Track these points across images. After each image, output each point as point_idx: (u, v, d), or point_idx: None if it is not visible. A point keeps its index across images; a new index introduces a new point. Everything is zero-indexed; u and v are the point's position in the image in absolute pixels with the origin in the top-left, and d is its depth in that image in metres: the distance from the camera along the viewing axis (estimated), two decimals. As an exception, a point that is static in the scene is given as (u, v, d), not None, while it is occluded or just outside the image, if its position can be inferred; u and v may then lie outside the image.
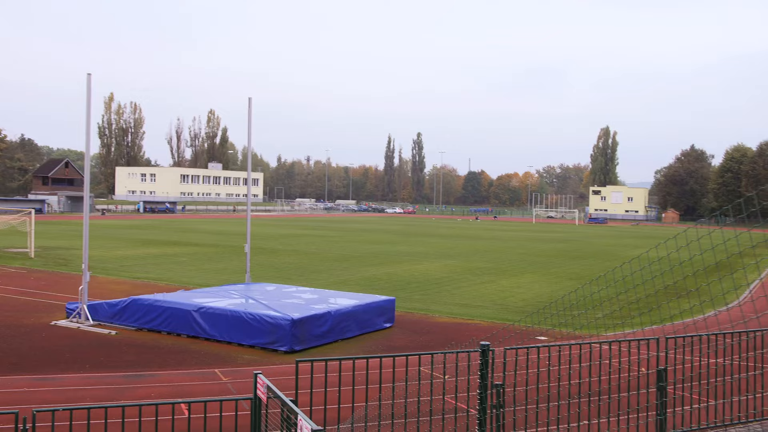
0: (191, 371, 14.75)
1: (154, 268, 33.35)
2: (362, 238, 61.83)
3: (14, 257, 36.85)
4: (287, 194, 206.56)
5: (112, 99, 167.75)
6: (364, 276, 32.41)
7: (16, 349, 16.29)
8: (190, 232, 63.48)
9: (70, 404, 11.30)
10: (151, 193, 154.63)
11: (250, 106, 24.10)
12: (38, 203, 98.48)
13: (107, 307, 19.38)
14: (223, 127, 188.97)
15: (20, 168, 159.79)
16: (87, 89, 19.52)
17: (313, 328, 17.14)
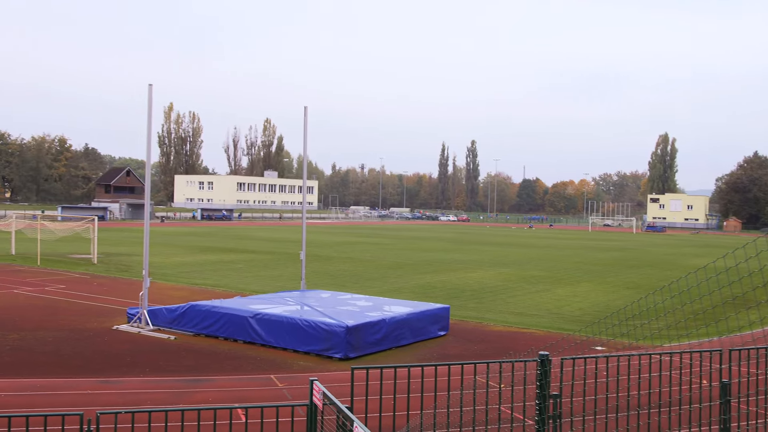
0: (248, 377, 14.93)
1: (212, 275, 33.94)
2: (416, 245, 61.79)
3: (78, 263, 37.95)
4: (341, 202, 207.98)
5: (171, 109, 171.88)
6: (419, 284, 32.36)
7: (80, 352, 16.75)
8: (246, 239, 64.40)
9: (132, 407, 11.57)
10: (209, 201, 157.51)
11: (306, 114, 24.36)
12: (101, 210, 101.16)
13: (166, 313, 19.78)
14: (279, 136, 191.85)
15: (84, 176, 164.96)
16: (148, 100, 20.02)
17: (368, 335, 17.18)
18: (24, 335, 18.46)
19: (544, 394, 7.61)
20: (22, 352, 16.59)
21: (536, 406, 7.68)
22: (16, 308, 22.75)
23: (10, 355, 16.17)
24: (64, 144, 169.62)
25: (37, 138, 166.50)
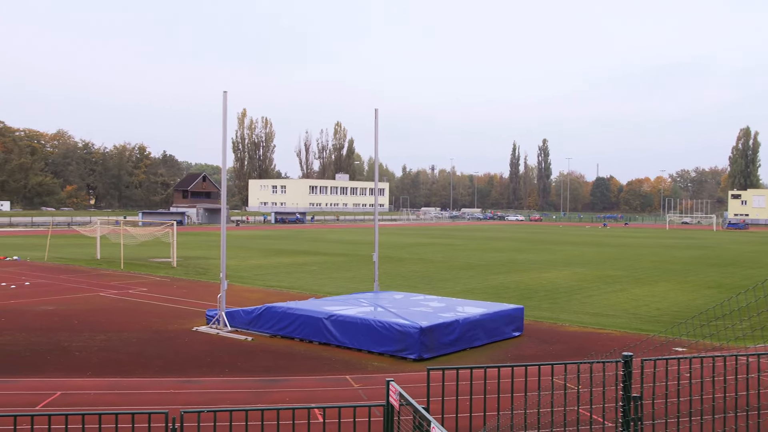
0: (323, 377, 15.12)
1: (286, 277, 34.49)
2: (488, 246, 61.33)
3: (159, 267, 39.17)
4: (412, 203, 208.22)
5: (244, 114, 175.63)
6: (491, 284, 32.12)
7: (162, 352, 17.30)
8: (319, 242, 65.20)
9: (213, 406, 11.88)
10: (282, 204, 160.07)
11: (377, 117, 24.51)
12: (179, 215, 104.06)
13: (243, 315, 20.22)
14: (350, 139, 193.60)
15: (163, 182, 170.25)
16: (223, 106, 20.52)
17: (442, 336, 17.16)
18: (110, 336, 19.18)
19: (629, 396, 7.45)
20: (108, 352, 17.25)
21: (620, 409, 7.52)
22: (102, 310, 23.66)
23: (97, 356, 16.83)
24: (144, 152, 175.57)
25: (118, 146, 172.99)
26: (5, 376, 14.82)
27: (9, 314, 22.62)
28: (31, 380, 14.48)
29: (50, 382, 14.33)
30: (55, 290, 28.77)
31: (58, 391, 13.60)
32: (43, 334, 19.34)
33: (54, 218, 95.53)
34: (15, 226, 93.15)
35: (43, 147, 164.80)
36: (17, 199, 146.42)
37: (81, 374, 15.04)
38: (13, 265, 39.80)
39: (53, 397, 13.17)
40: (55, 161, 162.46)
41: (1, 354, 16.88)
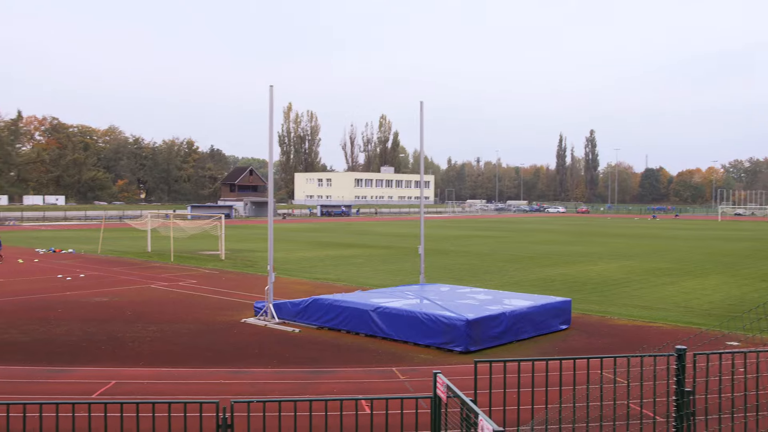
0: (370, 369, 15.21)
1: (333, 269, 34.73)
2: (534, 238, 60.79)
3: (208, 259, 39.80)
4: (458, 196, 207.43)
5: (290, 108, 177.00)
6: (538, 277, 31.85)
7: (212, 344, 17.60)
8: (364, 235, 65.44)
9: (262, 396, 12.06)
10: (328, 197, 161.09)
11: (422, 110, 24.47)
12: (227, 209, 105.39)
13: (291, 306, 20.44)
14: (395, 132, 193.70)
15: (210, 176, 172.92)
16: (270, 101, 20.72)
17: (488, 329, 17.10)
18: (161, 327, 19.60)
19: (683, 390, 7.33)
20: (160, 343, 17.62)
21: (673, 403, 7.40)
22: (153, 302, 24.17)
23: (150, 346, 17.21)
24: (192, 146, 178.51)
25: (167, 141, 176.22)
26: (63, 365, 15.27)
27: (66, 305, 23.27)
28: (87, 369, 14.89)
29: (105, 371, 14.71)
30: (108, 282, 29.47)
31: (113, 380, 13.95)
32: (97, 325, 19.86)
33: (106, 212, 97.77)
34: (69, 220, 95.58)
35: (95, 143, 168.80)
36: (71, 193, 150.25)
37: (134, 364, 15.40)
38: (68, 257, 40.87)
39: (108, 386, 13.52)
40: (107, 156, 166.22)
41: (59, 344, 17.39)
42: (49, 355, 16.16)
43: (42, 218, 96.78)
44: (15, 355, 16.13)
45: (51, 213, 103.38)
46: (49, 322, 20.29)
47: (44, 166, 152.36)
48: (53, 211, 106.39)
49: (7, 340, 17.74)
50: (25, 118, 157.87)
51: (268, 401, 7.66)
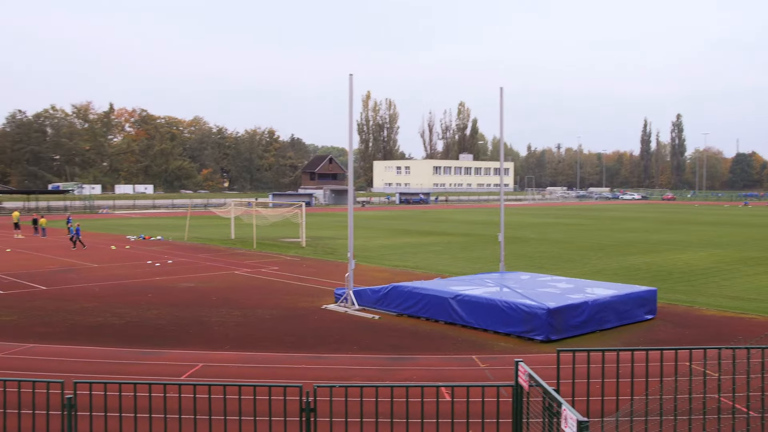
0: (449, 356, 15.21)
1: (411, 257, 34.83)
2: (618, 226, 59.30)
3: (289, 246, 40.55)
4: (537, 183, 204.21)
5: (369, 97, 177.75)
6: (622, 265, 31.09)
7: (293, 329, 17.96)
8: (443, 222, 65.29)
9: (343, 382, 12.23)
10: (406, 185, 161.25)
11: (502, 96, 24.18)
12: (307, 197, 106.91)
13: (370, 293, 20.62)
14: (473, 119, 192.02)
15: (291, 165, 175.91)
16: (349, 89, 20.87)
17: (570, 317, 16.83)
18: (245, 312, 20.12)
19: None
20: (244, 327, 18.10)
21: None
22: (237, 288, 24.82)
23: (235, 331, 17.70)
24: (273, 135, 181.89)
25: (249, 131, 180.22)
26: (153, 347, 15.88)
27: (155, 290, 24.17)
28: (176, 352, 15.44)
29: (193, 354, 15.22)
30: (194, 268, 30.42)
31: (200, 363, 14.43)
32: (185, 309, 20.55)
33: (192, 200, 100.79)
34: (158, 208, 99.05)
35: (181, 133, 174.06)
36: (159, 182, 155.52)
37: (220, 347, 15.88)
38: (157, 244, 42.38)
39: (196, 368, 13.99)
40: (192, 146, 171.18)
41: (150, 327, 18.09)
42: (140, 338, 16.83)
43: (132, 206, 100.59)
44: (110, 338, 16.88)
45: (140, 201, 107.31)
46: (140, 306, 21.12)
47: (134, 157, 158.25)
48: (142, 200, 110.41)
49: (102, 323, 18.57)
50: (117, 110, 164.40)
51: (350, 386, 7.78)
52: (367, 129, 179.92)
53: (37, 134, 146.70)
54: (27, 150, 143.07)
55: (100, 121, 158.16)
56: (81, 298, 22.68)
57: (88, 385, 7.92)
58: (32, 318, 19.34)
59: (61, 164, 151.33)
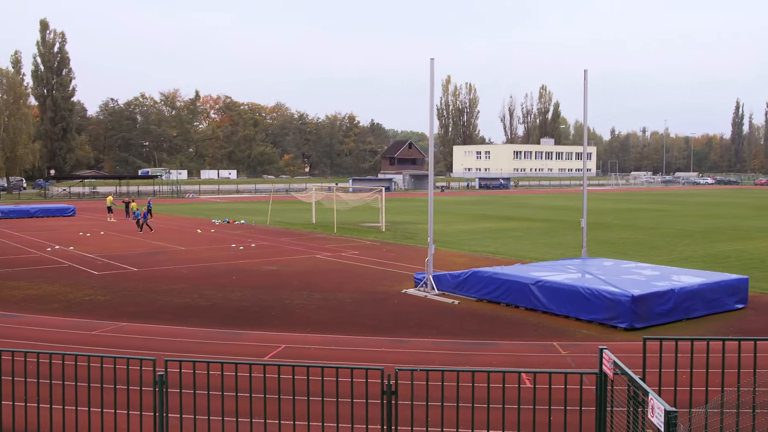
0: (530, 342, 15.07)
1: (491, 242, 34.56)
2: (706, 212, 57.18)
3: (369, 231, 40.87)
4: (621, 167, 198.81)
5: (449, 81, 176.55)
6: (710, 253, 30.01)
7: (374, 313, 18.14)
8: (523, 207, 64.47)
9: (423, 366, 12.29)
10: (486, 170, 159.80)
11: (586, 78, 23.63)
12: (386, 182, 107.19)
13: (450, 278, 20.59)
14: (555, 102, 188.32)
15: (371, 150, 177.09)
16: (430, 73, 20.78)
17: (655, 305, 16.39)
18: (326, 296, 20.43)
19: None
20: (325, 310, 18.40)
21: None
22: (318, 272, 25.21)
23: (316, 313, 18.02)
24: (353, 120, 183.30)
25: (330, 116, 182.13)
26: (237, 328, 16.34)
27: (239, 273, 24.81)
28: (259, 333, 15.84)
29: (275, 335, 15.59)
30: (276, 252, 31.06)
31: (282, 344, 14.76)
32: (267, 292, 21.03)
33: (274, 185, 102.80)
34: (241, 193, 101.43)
35: (263, 119, 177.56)
36: (242, 167, 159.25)
37: (301, 330, 16.19)
38: (240, 228, 43.44)
39: (278, 349, 14.32)
40: (274, 132, 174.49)
41: (234, 309, 18.61)
42: (225, 319, 17.34)
43: (217, 191, 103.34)
44: (196, 318, 17.46)
45: (225, 186, 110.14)
46: (225, 288, 21.74)
47: (218, 142, 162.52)
48: (226, 185, 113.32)
49: (190, 304, 19.22)
50: (202, 97, 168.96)
51: (431, 370, 7.82)
52: (447, 114, 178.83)
53: (128, 121, 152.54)
54: (119, 137, 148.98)
55: (186, 108, 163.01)
56: (169, 279, 23.51)
57: (178, 363, 8.22)
58: (124, 298, 20.19)
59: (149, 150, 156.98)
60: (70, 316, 17.75)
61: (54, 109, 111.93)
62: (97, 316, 17.71)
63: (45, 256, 29.74)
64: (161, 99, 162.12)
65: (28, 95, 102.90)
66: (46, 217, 52.74)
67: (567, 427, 7.62)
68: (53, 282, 22.96)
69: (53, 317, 17.57)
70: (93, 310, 18.41)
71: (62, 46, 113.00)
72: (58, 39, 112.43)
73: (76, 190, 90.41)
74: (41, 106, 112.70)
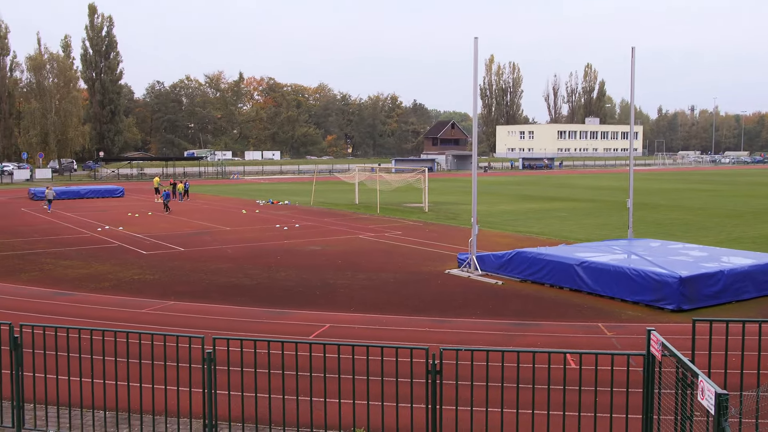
0: (574, 323, 14.96)
1: (535, 223, 34.29)
2: (757, 192, 55.78)
3: (412, 211, 40.88)
4: (668, 147, 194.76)
5: (492, 61, 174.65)
6: (761, 234, 29.31)
7: (417, 293, 18.19)
8: (567, 188, 63.72)
9: (471, 345, 12.31)
10: (530, 150, 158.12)
11: (633, 56, 23.16)
12: (429, 162, 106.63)
13: (494, 259, 20.51)
14: (600, 81, 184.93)
15: (413, 131, 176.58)
16: (474, 53, 20.59)
17: (704, 287, 16.10)
18: (370, 276, 20.54)
19: None
20: (369, 290, 18.51)
21: None
22: (361, 252, 25.34)
23: (359, 293, 18.14)
24: (396, 101, 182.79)
25: (372, 97, 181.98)
26: (283, 307, 16.55)
27: (284, 253, 25.08)
28: (304, 312, 16.03)
29: (320, 315, 15.75)
30: (320, 232, 31.29)
31: (327, 323, 14.91)
32: (312, 272, 21.23)
33: (317, 166, 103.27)
34: (285, 174, 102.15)
35: (306, 100, 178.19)
36: (285, 148, 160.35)
37: (345, 309, 16.33)
38: (284, 209, 43.84)
39: (323, 328, 14.48)
40: (317, 113, 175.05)
41: (279, 288, 18.84)
42: (270, 298, 17.57)
43: (261, 172, 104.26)
44: (242, 297, 17.73)
45: (268, 167, 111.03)
46: (270, 268, 22.00)
47: (262, 124, 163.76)
48: (270, 166, 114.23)
49: (236, 284, 19.52)
50: (246, 79, 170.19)
51: (476, 350, 7.82)
52: (490, 93, 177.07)
53: (174, 104, 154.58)
54: (165, 119, 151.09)
55: (230, 90, 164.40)
56: (215, 259, 23.89)
57: (226, 341, 8.38)
58: (172, 277, 20.59)
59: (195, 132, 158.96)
60: (120, 294, 18.19)
61: (102, 92, 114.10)
62: (146, 294, 18.11)
63: (95, 236, 30.45)
64: (206, 81, 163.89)
65: (78, 79, 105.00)
66: (96, 198, 53.95)
67: (613, 408, 7.57)
68: (104, 261, 23.52)
69: (104, 295, 18.03)
70: (142, 289, 18.83)
71: (110, 30, 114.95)
72: (106, 23, 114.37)
73: (125, 172, 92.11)
74: (90, 89, 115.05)
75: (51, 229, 32.99)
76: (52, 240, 29.21)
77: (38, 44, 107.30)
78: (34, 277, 20.65)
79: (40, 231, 32.40)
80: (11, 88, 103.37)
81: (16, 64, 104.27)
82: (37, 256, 24.71)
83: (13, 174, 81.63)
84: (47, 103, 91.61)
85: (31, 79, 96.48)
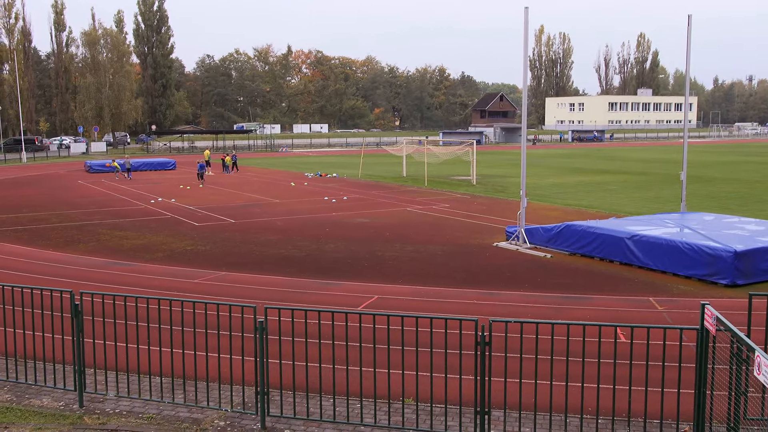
0: (624, 297, 14.80)
1: (585, 196, 33.84)
2: (819, 165, 54.00)
3: (459, 184, 40.71)
4: (724, 119, 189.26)
5: (542, 31, 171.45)
6: (822, 208, 28.44)
7: (465, 265, 18.18)
8: (618, 161, 62.60)
9: (520, 318, 12.30)
10: (579, 123, 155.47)
11: (690, 24, 22.52)
12: (477, 135, 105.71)
13: (542, 232, 20.35)
14: (654, 51, 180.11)
15: (461, 103, 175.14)
16: (524, 23, 20.27)
17: (761, 261, 15.74)
18: (417, 248, 20.59)
19: None
20: (417, 262, 18.57)
21: None
22: (409, 224, 25.38)
23: (407, 265, 18.21)
24: (444, 73, 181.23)
25: (420, 70, 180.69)
26: (332, 278, 16.73)
27: (332, 225, 25.28)
28: (353, 284, 16.17)
29: (368, 286, 15.88)
30: (368, 205, 31.41)
31: (376, 294, 15.03)
32: (360, 244, 21.37)
33: (365, 139, 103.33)
34: (332, 147, 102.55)
35: (354, 73, 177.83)
36: (333, 121, 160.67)
37: (393, 281, 16.42)
38: (332, 181, 44.08)
39: (371, 300, 14.61)
40: (364, 86, 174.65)
41: (328, 260, 19.03)
42: (319, 270, 17.77)
43: (309, 145, 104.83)
44: (292, 269, 17.96)
45: (316, 140, 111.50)
46: (319, 240, 22.21)
47: (310, 97, 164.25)
48: (318, 138, 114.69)
49: (285, 255, 19.77)
50: (294, 52, 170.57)
51: (525, 322, 7.81)
52: (539, 65, 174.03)
53: (223, 77, 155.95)
54: (214, 92, 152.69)
55: (279, 64, 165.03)
56: (265, 231, 24.21)
57: (277, 311, 8.53)
58: (223, 248, 20.96)
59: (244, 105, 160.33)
60: (173, 264, 18.61)
61: (154, 66, 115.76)
62: (199, 265, 18.48)
63: (149, 207, 31.12)
64: (255, 55, 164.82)
65: (131, 53, 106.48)
66: (149, 170, 55.01)
67: (665, 382, 7.50)
68: (157, 232, 24.05)
69: (158, 266, 18.47)
70: (194, 260, 19.22)
71: (161, 5, 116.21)
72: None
73: (176, 145, 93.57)
74: (142, 63, 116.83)
75: (106, 201, 33.82)
76: (108, 211, 29.97)
77: (92, 20, 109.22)
78: (91, 248, 21.24)
79: (96, 203, 33.25)
80: (67, 63, 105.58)
81: (72, 39, 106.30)
82: (93, 227, 25.40)
83: (71, 147, 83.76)
84: (101, 77, 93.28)
85: (86, 54, 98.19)
